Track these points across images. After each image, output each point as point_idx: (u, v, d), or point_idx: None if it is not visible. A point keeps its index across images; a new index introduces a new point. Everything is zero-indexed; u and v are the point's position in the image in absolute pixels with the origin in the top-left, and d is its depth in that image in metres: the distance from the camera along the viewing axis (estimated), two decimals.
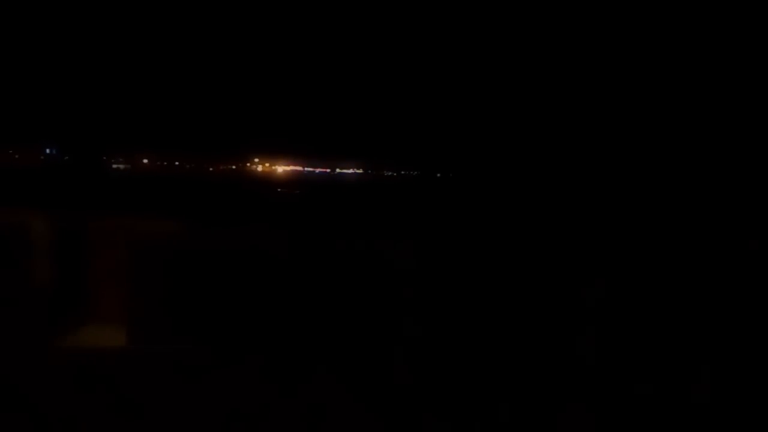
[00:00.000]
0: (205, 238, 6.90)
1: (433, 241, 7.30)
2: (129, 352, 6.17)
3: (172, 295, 6.37)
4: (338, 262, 6.52)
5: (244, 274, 6.42)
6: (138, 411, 4.81)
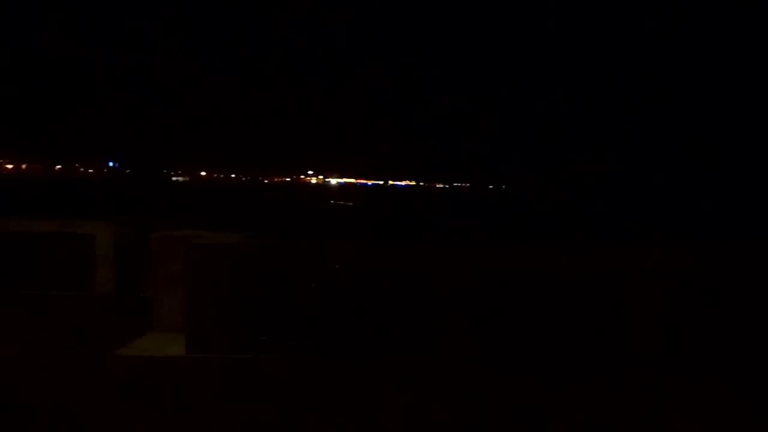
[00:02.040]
0: (265, 248, 6.94)
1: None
2: (189, 362, 6.25)
3: (229, 303, 6.44)
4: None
5: (298, 284, 6.45)
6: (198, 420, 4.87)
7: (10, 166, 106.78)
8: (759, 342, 6.28)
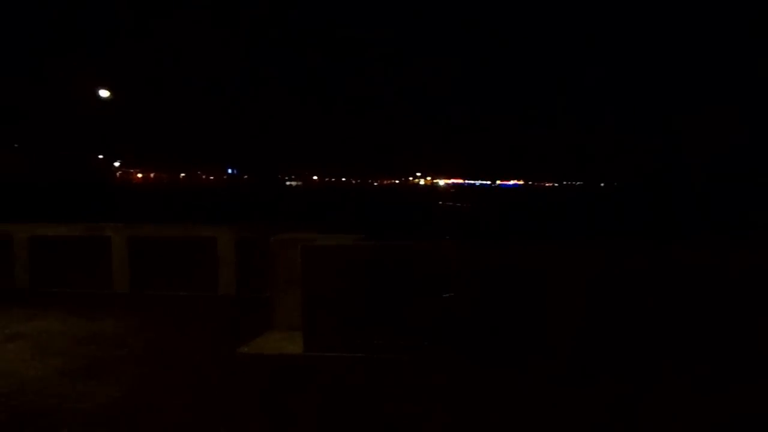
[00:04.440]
0: (377, 249, 6.99)
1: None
2: (306, 360, 6.39)
3: (344, 303, 6.54)
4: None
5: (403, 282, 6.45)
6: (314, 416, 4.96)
7: (140, 175, 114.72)
8: None
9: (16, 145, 79.37)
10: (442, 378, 5.76)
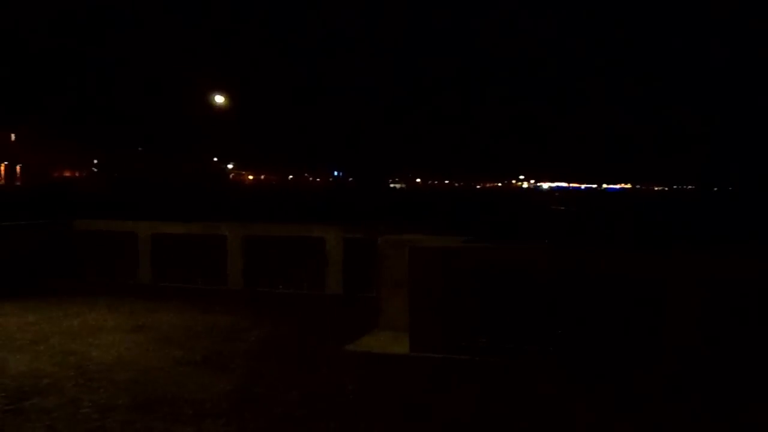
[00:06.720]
0: (484, 251, 6.88)
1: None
2: (412, 360, 6.38)
3: (450, 304, 6.47)
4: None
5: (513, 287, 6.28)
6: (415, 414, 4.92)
7: (251, 177, 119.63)
8: None
9: (140, 149, 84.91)
10: (551, 384, 5.59)
